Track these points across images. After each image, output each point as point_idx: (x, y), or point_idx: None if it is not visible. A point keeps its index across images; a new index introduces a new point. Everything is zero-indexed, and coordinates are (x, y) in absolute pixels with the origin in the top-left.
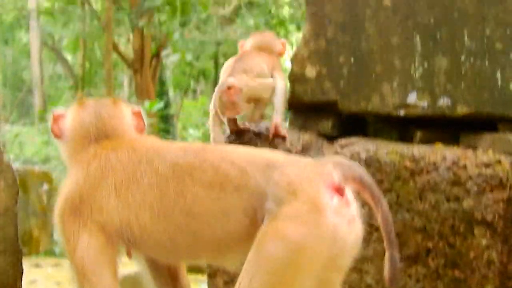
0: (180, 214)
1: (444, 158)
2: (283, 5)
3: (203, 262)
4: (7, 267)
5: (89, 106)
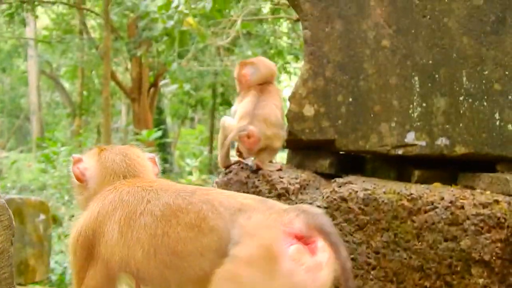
0: (166, 253)
1: (442, 198)
2: (281, 36)
3: None
4: None
5: (112, 151)
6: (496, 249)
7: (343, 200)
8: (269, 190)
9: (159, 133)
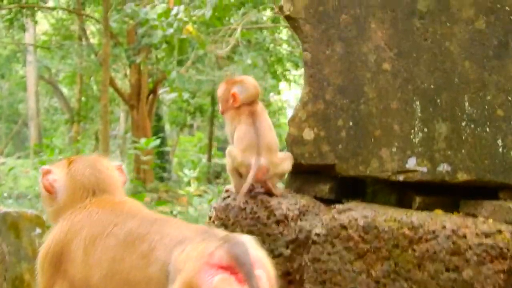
0: (121, 278)
1: (444, 227)
2: (281, 43)
3: None
4: None
5: (82, 162)
6: (499, 280)
7: (343, 228)
8: (268, 216)
9: (158, 142)
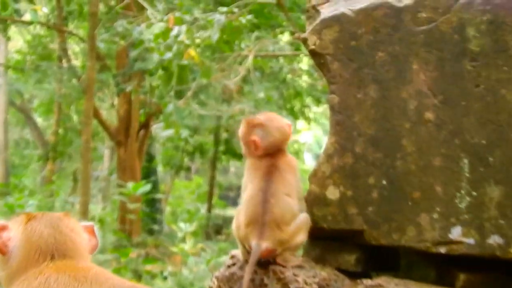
0: None
1: None
2: (301, 74)
3: None
4: None
5: (41, 220)
6: None
7: None
8: None
9: (148, 187)
